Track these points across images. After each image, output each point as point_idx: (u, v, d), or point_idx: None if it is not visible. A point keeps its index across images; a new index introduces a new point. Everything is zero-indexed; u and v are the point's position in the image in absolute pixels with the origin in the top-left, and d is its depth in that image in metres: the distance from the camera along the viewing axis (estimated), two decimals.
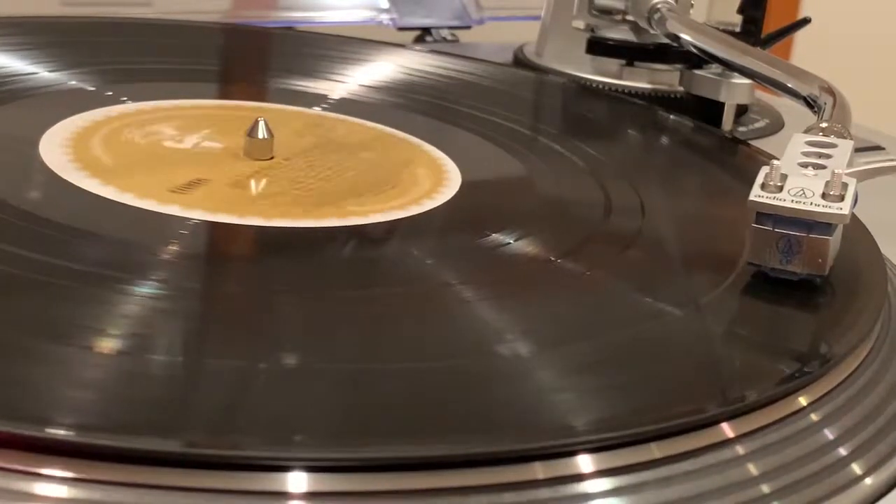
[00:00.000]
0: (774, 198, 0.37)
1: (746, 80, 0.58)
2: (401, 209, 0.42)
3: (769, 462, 0.30)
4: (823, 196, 0.37)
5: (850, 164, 0.40)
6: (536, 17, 0.68)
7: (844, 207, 0.36)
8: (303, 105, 0.53)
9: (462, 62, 0.62)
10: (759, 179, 0.37)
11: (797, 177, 0.38)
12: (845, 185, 0.37)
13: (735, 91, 0.59)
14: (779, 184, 0.37)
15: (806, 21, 0.68)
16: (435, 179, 0.45)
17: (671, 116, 0.57)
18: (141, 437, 0.26)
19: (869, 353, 0.35)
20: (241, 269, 0.38)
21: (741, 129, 0.61)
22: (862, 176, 0.41)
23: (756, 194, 0.37)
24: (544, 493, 0.27)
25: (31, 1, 0.68)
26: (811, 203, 0.36)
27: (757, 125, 0.63)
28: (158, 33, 0.62)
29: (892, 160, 0.44)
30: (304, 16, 0.75)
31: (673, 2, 0.61)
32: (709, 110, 0.59)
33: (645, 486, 0.28)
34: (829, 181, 0.37)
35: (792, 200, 0.36)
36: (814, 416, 0.32)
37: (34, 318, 0.31)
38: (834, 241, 0.37)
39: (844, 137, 0.43)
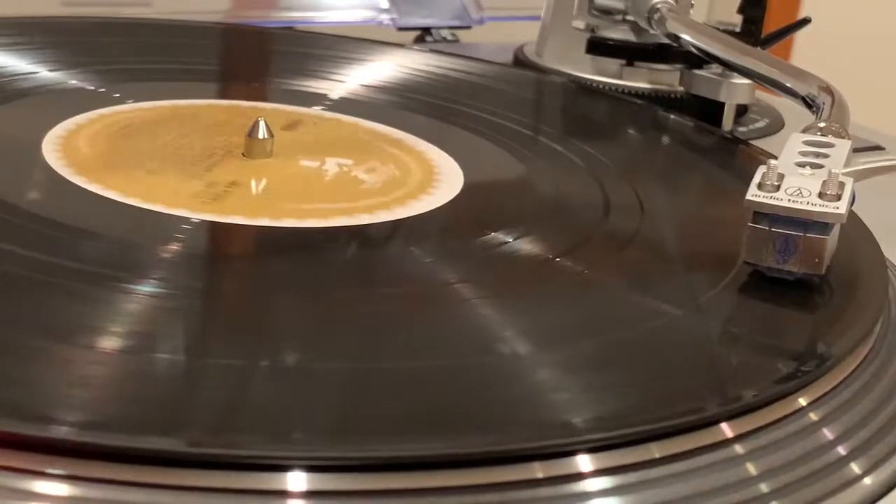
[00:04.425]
0: (771, 197, 0.37)
1: (746, 80, 0.58)
2: (401, 209, 0.42)
3: (768, 462, 0.30)
4: (820, 195, 0.37)
5: (847, 164, 0.40)
6: (536, 17, 0.68)
7: (841, 207, 0.36)
8: (303, 105, 0.53)
9: (462, 62, 0.62)
10: (756, 179, 0.37)
11: (794, 176, 0.38)
12: (842, 185, 0.37)
13: (735, 91, 0.59)
14: (776, 183, 0.37)
15: (806, 21, 0.68)
16: (435, 179, 0.45)
17: (671, 116, 0.57)
18: (141, 436, 0.26)
19: (868, 353, 0.35)
20: (241, 268, 0.38)
21: (741, 129, 0.61)
22: (859, 175, 0.41)
23: (753, 193, 0.37)
24: (544, 492, 0.27)
25: (31, 1, 0.68)
26: (808, 202, 0.36)
27: (757, 125, 0.63)
28: (158, 33, 0.62)
29: (890, 160, 0.44)
30: (304, 16, 0.75)
31: (673, 2, 0.61)
32: (709, 110, 0.59)
33: (644, 486, 0.28)
34: (826, 180, 0.37)
35: (789, 200, 0.36)
36: (813, 416, 0.32)
37: (34, 317, 0.31)
38: (831, 240, 0.37)
39: (842, 137, 0.43)
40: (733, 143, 0.56)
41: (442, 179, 0.45)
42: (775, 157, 0.39)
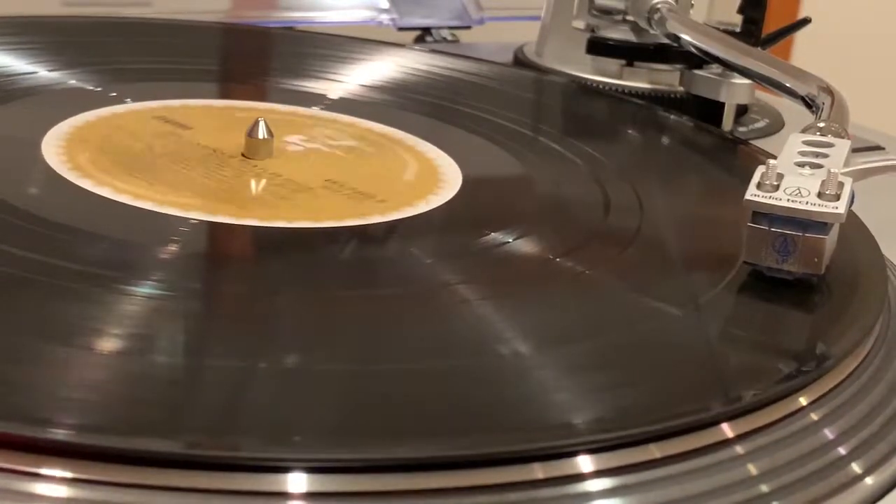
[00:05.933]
0: (770, 197, 0.37)
1: (746, 80, 0.58)
2: (401, 209, 0.42)
3: (769, 462, 0.30)
4: (819, 195, 0.37)
5: (847, 164, 0.40)
6: (536, 17, 0.68)
7: (840, 207, 0.36)
8: (303, 105, 0.53)
9: (462, 62, 0.62)
10: (756, 178, 0.37)
11: (793, 176, 0.38)
12: (841, 185, 0.37)
13: (735, 91, 0.59)
14: (775, 183, 0.37)
15: (806, 21, 0.68)
16: (435, 179, 0.45)
17: (671, 116, 0.57)
18: (141, 437, 0.26)
19: (869, 353, 0.35)
20: (240, 269, 0.38)
21: (741, 129, 0.61)
22: (858, 175, 0.41)
23: (752, 193, 0.37)
24: (544, 493, 0.27)
25: (31, 1, 0.68)
26: (807, 202, 0.36)
27: (757, 125, 0.63)
28: (158, 33, 0.62)
29: (890, 160, 0.44)
30: (304, 16, 0.75)
31: (673, 2, 0.61)
32: (709, 110, 0.59)
33: (645, 486, 0.28)
34: (826, 180, 0.37)
35: (788, 199, 0.36)
36: (813, 416, 0.32)
37: (34, 318, 0.31)
38: (830, 240, 0.37)
39: (842, 137, 0.43)
40: (733, 143, 0.56)
41: (444, 180, 0.45)
42: (775, 157, 0.39)
